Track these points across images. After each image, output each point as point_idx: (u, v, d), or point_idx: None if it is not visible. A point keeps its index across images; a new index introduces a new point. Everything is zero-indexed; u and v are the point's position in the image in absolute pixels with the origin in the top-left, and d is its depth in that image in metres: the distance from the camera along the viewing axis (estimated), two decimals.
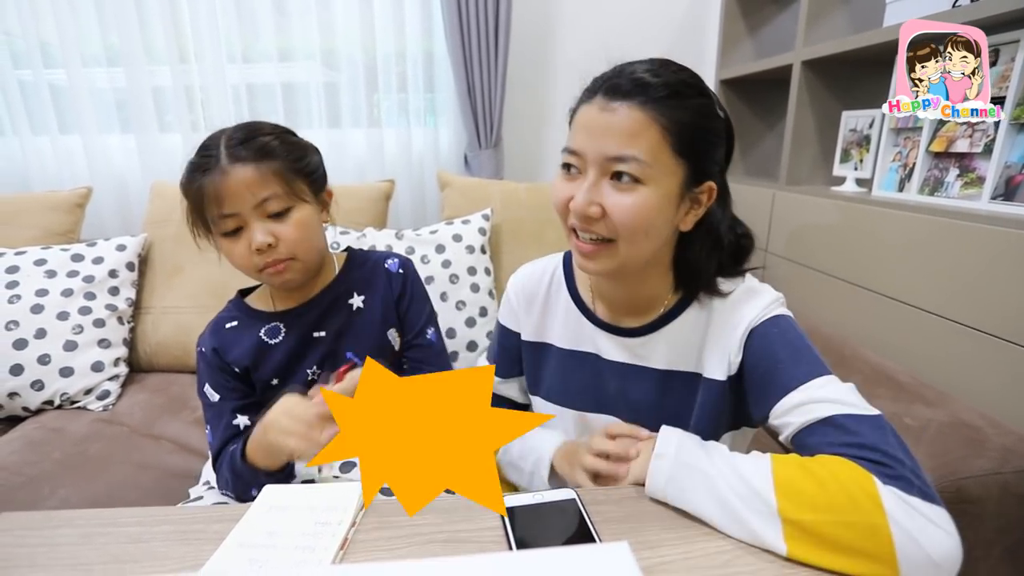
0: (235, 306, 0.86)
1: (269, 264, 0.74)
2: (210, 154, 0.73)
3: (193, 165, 0.74)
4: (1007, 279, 0.88)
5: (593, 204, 0.61)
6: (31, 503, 0.97)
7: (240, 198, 0.72)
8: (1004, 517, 0.75)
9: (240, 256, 0.75)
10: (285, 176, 0.74)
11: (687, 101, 0.61)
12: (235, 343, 0.82)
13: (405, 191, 1.87)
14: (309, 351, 0.83)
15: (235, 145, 0.73)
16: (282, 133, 0.79)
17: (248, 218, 0.73)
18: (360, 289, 0.86)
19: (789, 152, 1.53)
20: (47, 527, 0.56)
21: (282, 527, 0.55)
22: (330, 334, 0.83)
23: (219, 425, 0.79)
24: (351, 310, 0.85)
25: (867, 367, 1.04)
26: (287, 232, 0.74)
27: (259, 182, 0.72)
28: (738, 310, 0.67)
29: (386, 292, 0.87)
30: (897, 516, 0.47)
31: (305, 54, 1.77)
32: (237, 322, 0.84)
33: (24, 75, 1.68)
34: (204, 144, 0.75)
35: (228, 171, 0.71)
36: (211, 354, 0.81)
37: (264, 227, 0.73)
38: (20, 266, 1.34)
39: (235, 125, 0.77)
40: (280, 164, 0.74)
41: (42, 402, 1.27)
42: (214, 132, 0.77)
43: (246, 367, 0.81)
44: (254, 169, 0.72)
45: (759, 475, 0.52)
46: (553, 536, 0.54)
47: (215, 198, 0.71)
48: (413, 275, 0.90)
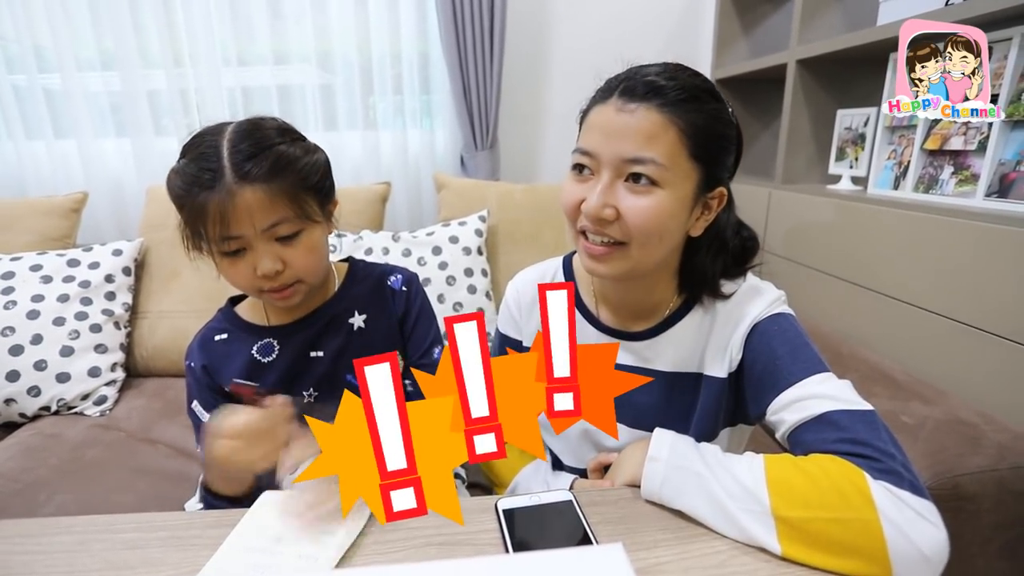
0: (224, 317, 0.80)
1: (275, 289, 0.69)
2: (211, 167, 0.64)
3: (191, 177, 0.64)
4: (1002, 276, 0.89)
5: (607, 206, 0.60)
6: (28, 510, 0.97)
7: (247, 222, 0.64)
8: (1000, 514, 0.75)
9: (242, 278, 0.68)
10: (296, 196, 0.67)
11: (704, 106, 0.61)
12: (225, 360, 0.76)
13: (401, 193, 1.87)
14: (305, 372, 0.77)
15: (242, 160, 0.64)
16: (291, 140, 0.70)
17: (253, 241, 0.66)
18: (361, 307, 0.79)
19: (785, 151, 1.53)
20: (44, 534, 0.56)
21: (286, 532, 0.54)
22: (328, 355, 0.77)
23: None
24: (351, 330, 0.78)
25: (864, 365, 1.04)
26: (296, 257, 0.68)
27: (269, 206, 0.65)
28: (741, 308, 0.67)
29: (389, 312, 0.80)
30: (888, 511, 0.47)
31: (300, 57, 1.77)
32: (227, 335, 0.78)
33: (19, 80, 1.68)
34: (201, 151, 0.65)
35: (234, 192, 0.63)
36: (200, 371, 0.76)
37: (272, 252, 0.66)
38: (16, 272, 1.34)
39: (236, 127, 0.68)
40: (291, 182, 0.67)
41: (39, 408, 1.27)
42: (208, 130, 0.68)
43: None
44: (264, 191, 0.64)
45: (752, 475, 0.52)
46: (550, 538, 0.54)
47: (218, 219, 0.63)
48: (416, 292, 0.84)
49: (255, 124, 0.69)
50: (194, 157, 0.66)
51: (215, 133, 0.67)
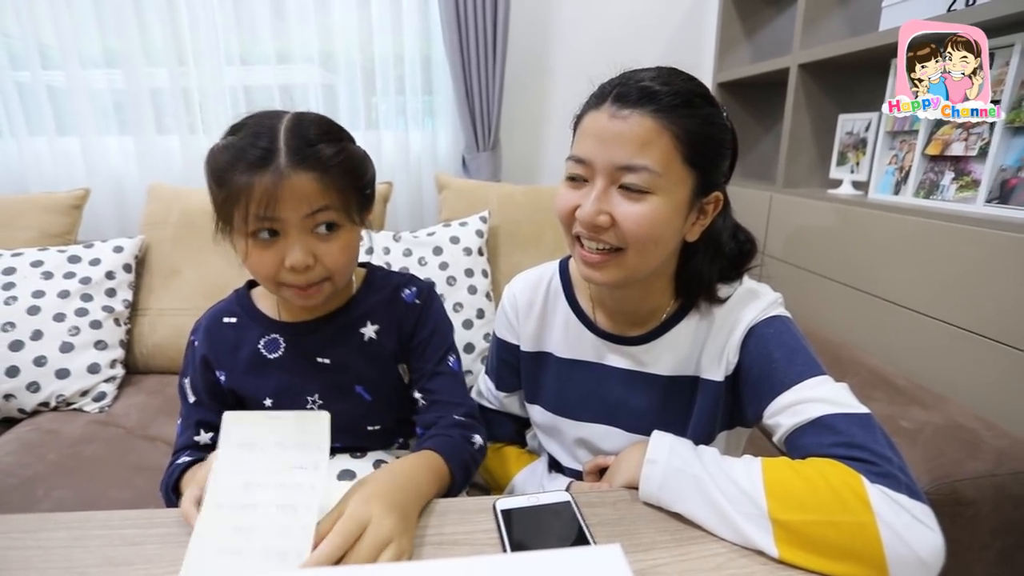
0: (238, 300, 0.78)
1: (299, 285, 0.66)
2: (267, 147, 0.61)
3: (240, 152, 0.61)
4: (1002, 281, 0.89)
5: (602, 213, 0.60)
6: (25, 505, 0.97)
7: (292, 206, 0.62)
8: (999, 519, 0.75)
9: (266, 266, 0.65)
10: (345, 192, 0.65)
11: (697, 111, 0.60)
12: (230, 348, 0.75)
13: (403, 193, 1.87)
14: (311, 377, 0.74)
15: (302, 145, 0.62)
16: (349, 141, 0.69)
17: (290, 229, 0.63)
18: (375, 318, 0.76)
19: (786, 155, 1.54)
20: (41, 529, 0.55)
21: (254, 495, 0.52)
22: (335, 363, 0.74)
23: (185, 428, 0.75)
24: (361, 340, 0.75)
25: (864, 369, 1.04)
26: (331, 253, 0.65)
27: (318, 194, 0.63)
28: (738, 312, 0.67)
29: (401, 325, 0.77)
30: (884, 515, 0.47)
31: (303, 56, 1.77)
32: (236, 319, 0.76)
33: (22, 76, 1.68)
34: (255, 130, 0.63)
35: (287, 175, 0.61)
36: (200, 362, 0.75)
37: (305, 244, 0.63)
38: (17, 267, 1.34)
39: (297, 115, 0.66)
40: (343, 178, 0.65)
41: (38, 404, 1.27)
42: (263, 113, 0.66)
43: (232, 388, 0.75)
44: (318, 180, 0.62)
45: (750, 478, 0.52)
46: (548, 539, 0.54)
47: (263, 199, 0.61)
48: (429, 305, 0.79)
49: (318, 117, 0.68)
50: (247, 135, 0.63)
51: (272, 117, 0.65)
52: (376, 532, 0.49)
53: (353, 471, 0.75)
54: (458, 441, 0.70)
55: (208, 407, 0.75)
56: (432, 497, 0.60)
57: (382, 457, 0.79)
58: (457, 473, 0.65)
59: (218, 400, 0.76)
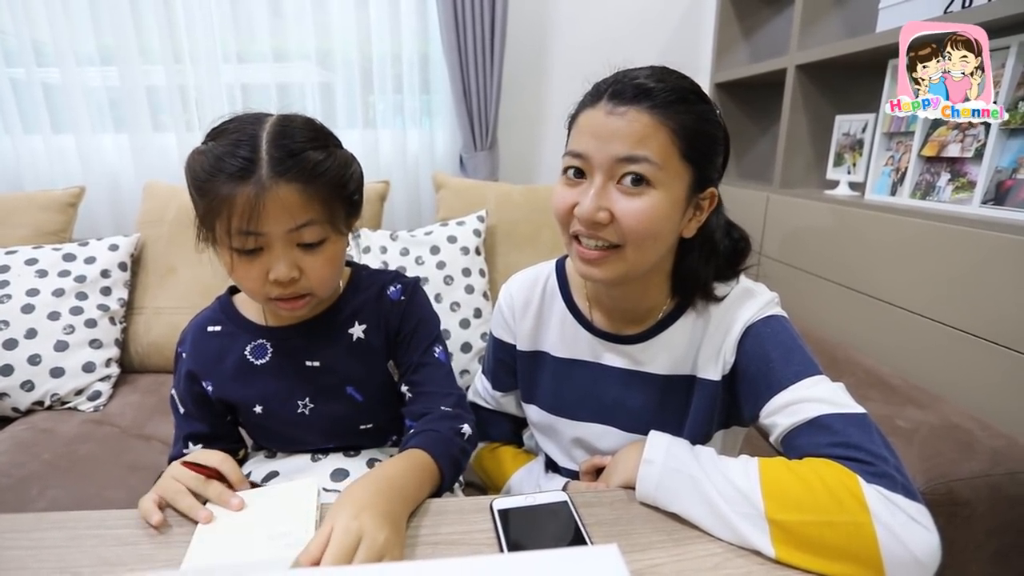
0: (221, 307, 0.77)
1: (284, 297, 0.65)
2: (248, 156, 0.59)
3: (219, 162, 0.59)
4: (997, 283, 0.89)
5: (601, 209, 0.60)
6: (20, 505, 0.96)
7: (275, 220, 0.60)
8: (994, 519, 0.76)
9: (252, 280, 0.64)
10: (330, 203, 0.64)
11: (692, 107, 0.61)
12: (216, 358, 0.74)
13: (400, 192, 1.87)
14: (300, 381, 0.74)
15: (284, 155, 0.60)
16: (335, 146, 0.68)
17: (275, 242, 0.62)
18: (362, 317, 0.75)
19: (783, 155, 1.54)
20: (35, 529, 0.55)
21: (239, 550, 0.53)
22: (324, 365, 0.74)
23: (176, 440, 0.76)
24: (350, 340, 0.75)
25: (859, 370, 1.05)
26: (316, 266, 0.64)
27: (301, 207, 0.61)
28: (734, 311, 0.67)
29: (387, 322, 0.77)
30: (881, 515, 0.47)
31: (300, 55, 1.77)
32: (221, 327, 0.75)
33: (17, 73, 1.67)
34: (236, 137, 0.61)
35: (269, 188, 0.59)
36: (186, 376, 0.74)
37: (291, 258, 0.63)
38: (11, 265, 1.33)
39: (279, 120, 0.64)
40: (329, 189, 0.64)
41: (32, 403, 1.26)
42: (245, 117, 0.64)
43: (220, 397, 0.74)
44: (300, 192, 0.61)
45: (747, 478, 0.52)
46: (545, 538, 0.54)
47: (245, 213, 0.59)
48: (413, 300, 0.79)
49: (303, 121, 0.66)
50: (228, 143, 0.61)
51: (253, 122, 0.63)
52: (370, 546, 0.49)
53: (347, 470, 0.75)
54: (446, 435, 0.69)
55: (197, 418, 0.76)
56: (422, 499, 0.60)
57: (375, 456, 0.79)
58: (447, 470, 0.65)
59: (208, 410, 0.76)
